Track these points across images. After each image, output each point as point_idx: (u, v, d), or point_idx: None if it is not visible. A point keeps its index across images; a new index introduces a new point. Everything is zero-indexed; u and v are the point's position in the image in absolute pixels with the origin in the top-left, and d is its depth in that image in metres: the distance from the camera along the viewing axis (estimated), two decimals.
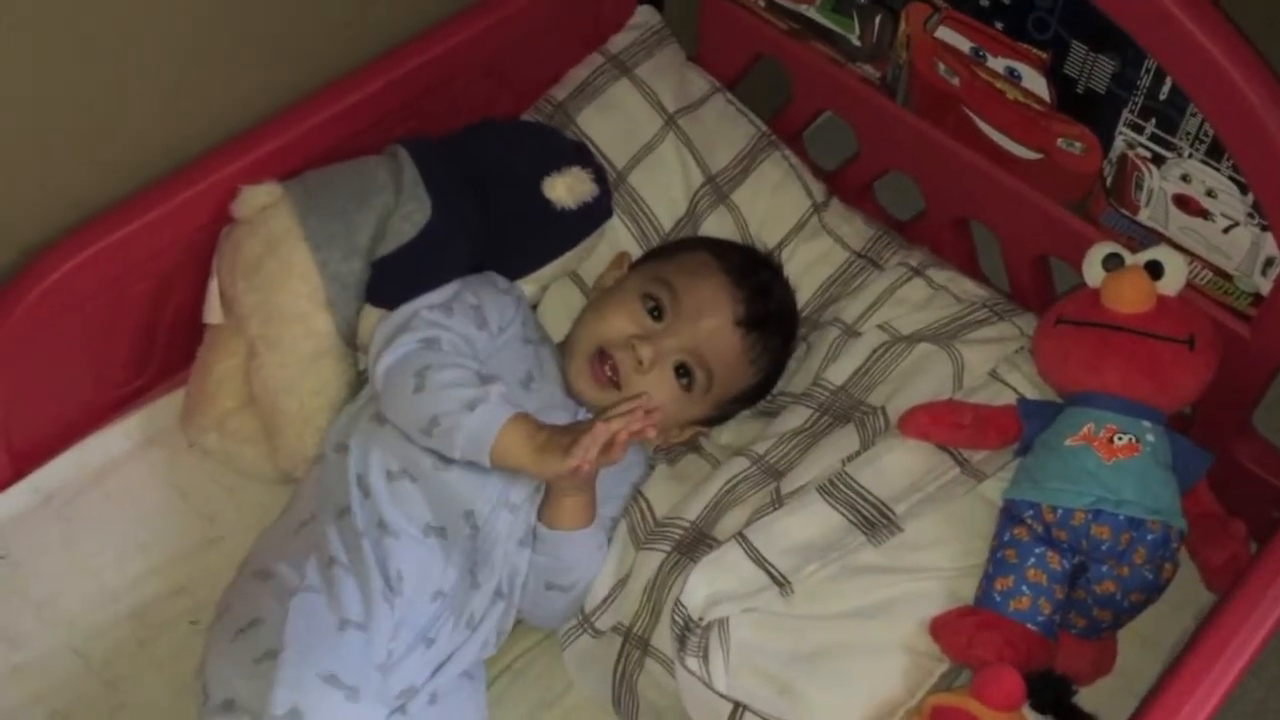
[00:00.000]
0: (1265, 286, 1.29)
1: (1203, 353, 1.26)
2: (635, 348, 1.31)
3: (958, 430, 1.31)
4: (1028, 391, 1.35)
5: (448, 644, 1.21)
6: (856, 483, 1.29)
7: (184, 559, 1.34)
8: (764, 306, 1.37)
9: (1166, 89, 1.23)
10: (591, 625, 1.29)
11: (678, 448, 1.41)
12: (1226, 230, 1.28)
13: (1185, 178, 1.28)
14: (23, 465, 1.34)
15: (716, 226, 1.53)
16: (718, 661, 1.19)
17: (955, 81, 1.41)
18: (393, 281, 1.31)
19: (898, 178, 1.61)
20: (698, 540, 1.27)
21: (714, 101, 1.60)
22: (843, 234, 1.55)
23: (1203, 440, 1.29)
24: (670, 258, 1.41)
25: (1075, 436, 1.23)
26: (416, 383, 1.20)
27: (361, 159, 1.36)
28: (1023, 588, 1.20)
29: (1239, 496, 1.32)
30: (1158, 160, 1.29)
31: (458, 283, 1.33)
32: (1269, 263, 1.27)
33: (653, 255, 1.47)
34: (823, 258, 1.54)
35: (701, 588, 1.22)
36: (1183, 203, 1.30)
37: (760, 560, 1.23)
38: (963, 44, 1.37)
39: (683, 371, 1.33)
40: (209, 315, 1.35)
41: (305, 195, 1.31)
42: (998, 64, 1.35)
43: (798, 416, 1.39)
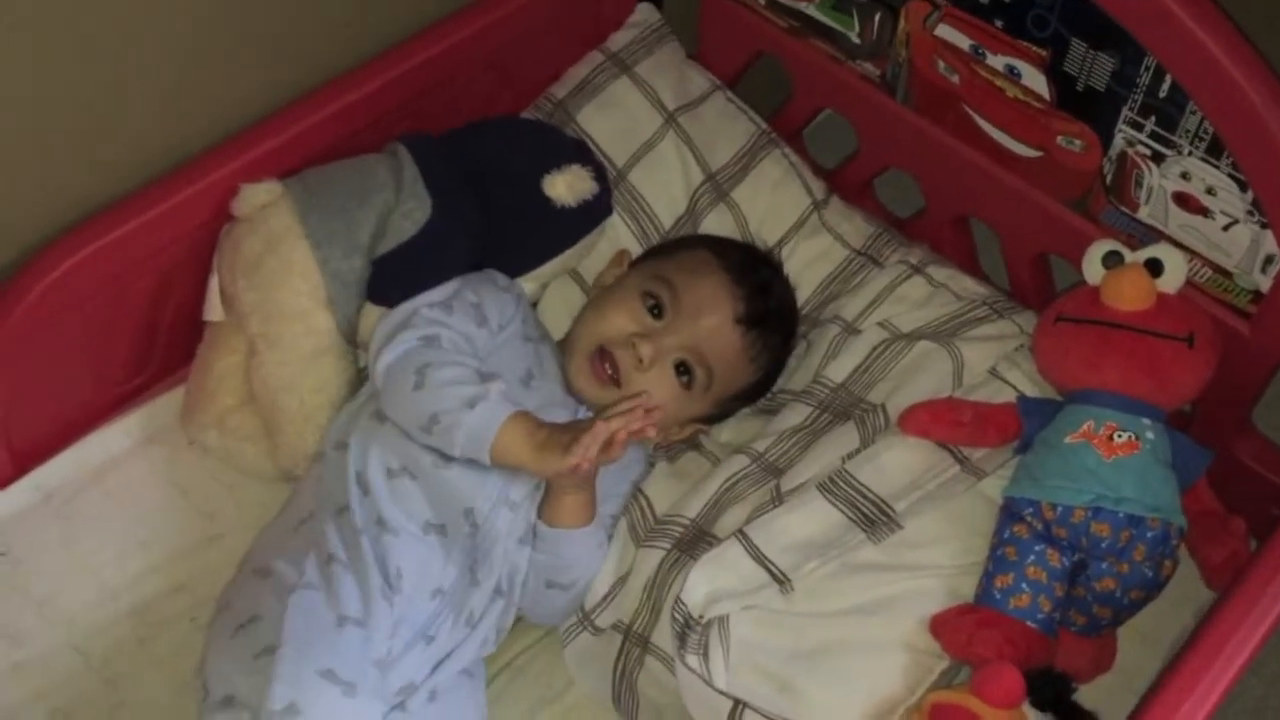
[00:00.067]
0: (1265, 284, 1.29)
1: (1202, 350, 1.26)
2: (635, 346, 1.31)
3: (957, 428, 1.31)
4: (1027, 389, 1.35)
5: (447, 641, 1.21)
6: (856, 480, 1.29)
7: (184, 557, 1.34)
8: (764, 304, 1.37)
9: (1166, 86, 1.23)
10: (592, 623, 1.29)
11: (678, 445, 1.41)
12: (1226, 228, 1.28)
13: (1185, 175, 1.28)
14: (23, 463, 1.34)
15: (716, 224, 1.53)
16: (718, 659, 1.19)
17: (955, 79, 1.41)
18: (393, 279, 1.31)
19: (897, 175, 1.61)
20: (698, 538, 1.27)
21: (714, 99, 1.60)
22: (843, 232, 1.55)
23: (1202, 438, 1.29)
24: (670, 256, 1.41)
25: (1075, 434, 1.23)
26: (416, 380, 1.20)
27: (362, 157, 1.36)
28: (1022, 585, 1.20)
29: (1239, 494, 1.31)
30: (1157, 158, 1.29)
31: (458, 280, 1.33)
32: (1269, 260, 1.26)
33: (653, 253, 1.47)
34: (823, 255, 1.54)
35: (701, 585, 1.22)
36: (1182, 200, 1.30)
37: (760, 558, 1.24)
38: (962, 41, 1.37)
39: (683, 369, 1.33)
40: (209, 313, 1.35)
41: (305, 193, 1.31)
42: (997, 62, 1.35)
43: (798, 414, 1.39)
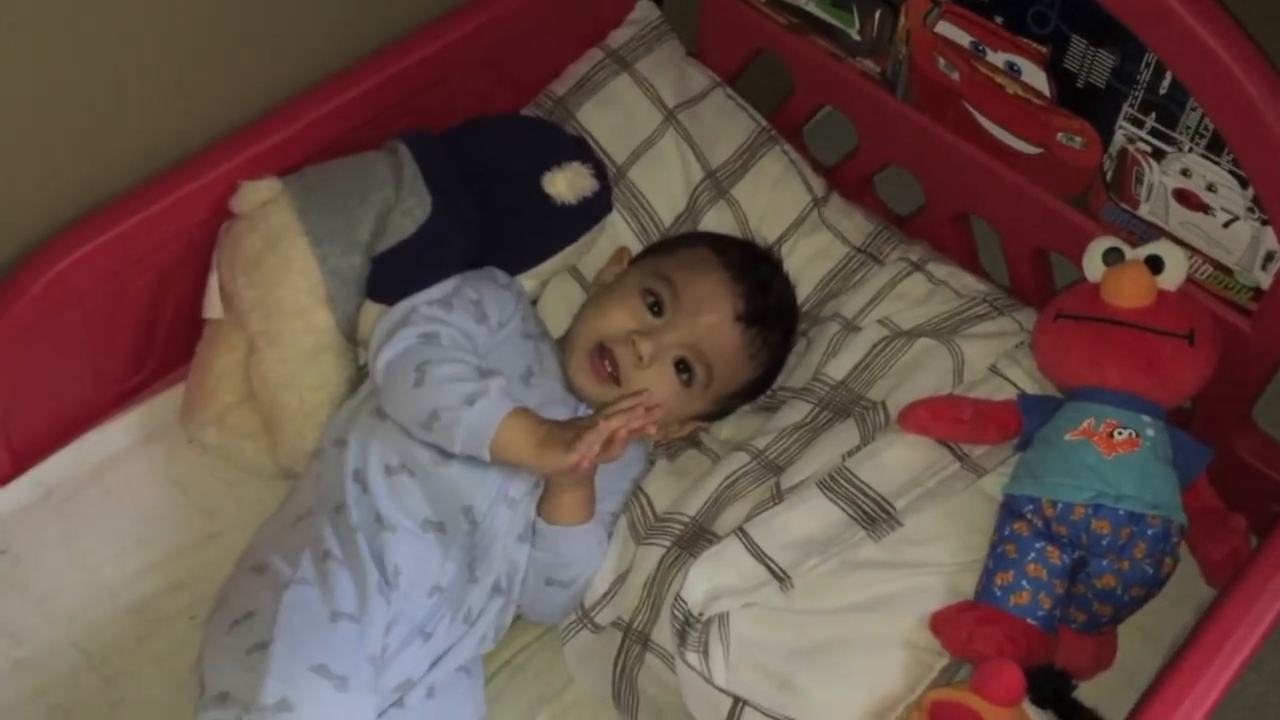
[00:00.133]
0: (1265, 281, 1.29)
1: (1203, 347, 1.26)
2: (635, 343, 1.31)
3: (958, 425, 1.31)
4: (1028, 386, 1.35)
5: (445, 638, 1.21)
6: (856, 478, 1.29)
7: (183, 554, 1.34)
8: (764, 302, 1.37)
9: (1166, 83, 1.23)
10: (591, 620, 1.29)
11: (678, 443, 1.41)
12: (1227, 225, 1.28)
13: (1185, 172, 1.27)
14: (23, 461, 1.34)
15: (716, 221, 1.53)
16: (718, 656, 1.19)
17: (955, 76, 1.41)
18: (393, 276, 1.31)
19: (898, 172, 1.61)
20: (698, 535, 1.27)
21: (714, 96, 1.60)
22: (843, 229, 1.55)
23: (1203, 435, 1.29)
24: (670, 253, 1.41)
25: (1075, 431, 1.23)
26: (416, 377, 1.20)
27: (361, 154, 1.36)
28: (1023, 582, 1.20)
29: (1239, 491, 1.31)
30: (1158, 155, 1.28)
31: (457, 278, 1.33)
32: (1269, 257, 1.26)
33: (652, 251, 1.46)
34: (823, 253, 1.54)
35: (701, 583, 1.22)
36: (1183, 197, 1.29)
37: (760, 555, 1.23)
38: (962, 38, 1.37)
39: (682, 367, 1.33)
40: (209, 310, 1.35)
41: (305, 190, 1.31)
42: (998, 58, 1.35)
43: (798, 412, 1.39)
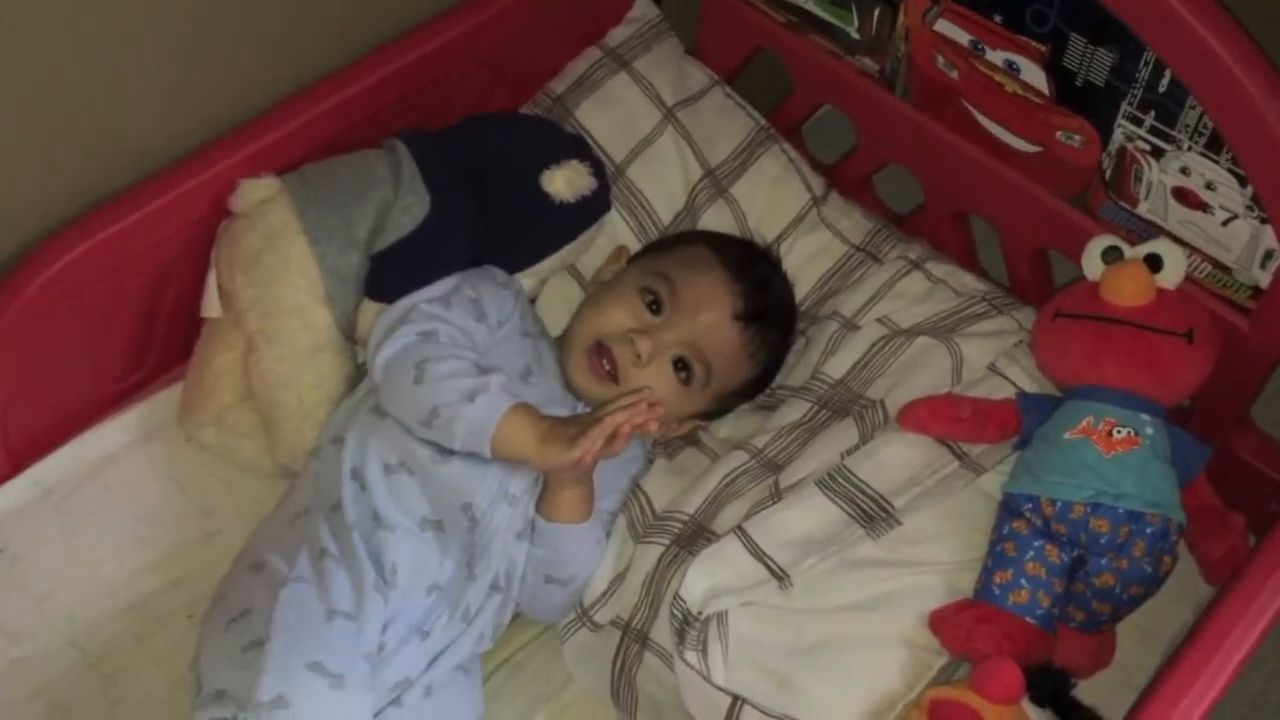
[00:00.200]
0: (1264, 279, 1.28)
1: (1202, 346, 1.26)
2: (633, 341, 1.31)
3: (957, 424, 1.31)
4: (1026, 385, 1.35)
5: (443, 637, 1.21)
6: (855, 476, 1.29)
7: (182, 553, 1.34)
8: (762, 300, 1.37)
9: (1165, 81, 1.23)
10: (590, 619, 1.29)
11: (676, 442, 1.41)
12: (1226, 223, 1.28)
13: (1184, 170, 1.27)
14: (21, 459, 1.34)
15: (715, 220, 1.53)
16: (716, 655, 1.19)
17: (954, 74, 1.41)
18: (391, 275, 1.31)
19: (897, 171, 1.61)
20: (696, 534, 1.27)
21: (713, 95, 1.60)
22: (842, 227, 1.55)
23: (1202, 433, 1.29)
24: (669, 252, 1.41)
25: (1074, 430, 1.23)
26: (416, 375, 1.20)
27: (360, 153, 1.36)
28: (1021, 581, 1.20)
29: (1238, 490, 1.31)
30: (1157, 153, 1.28)
31: (456, 276, 1.33)
32: (1268, 256, 1.26)
33: (651, 249, 1.46)
34: (821, 251, 1.54)
35: (700, 581, 1.22)
36: (1182, 195, 1.29)
37: (759, 554, 1.23)
38: (961, 37, 1.37)
39: (681, 365, 1.33)
40: (207, 309, 1.35)
41: (303, 189, 1.31)
42: (996, 57, 1.35)
43: (796, 410, 1.39)
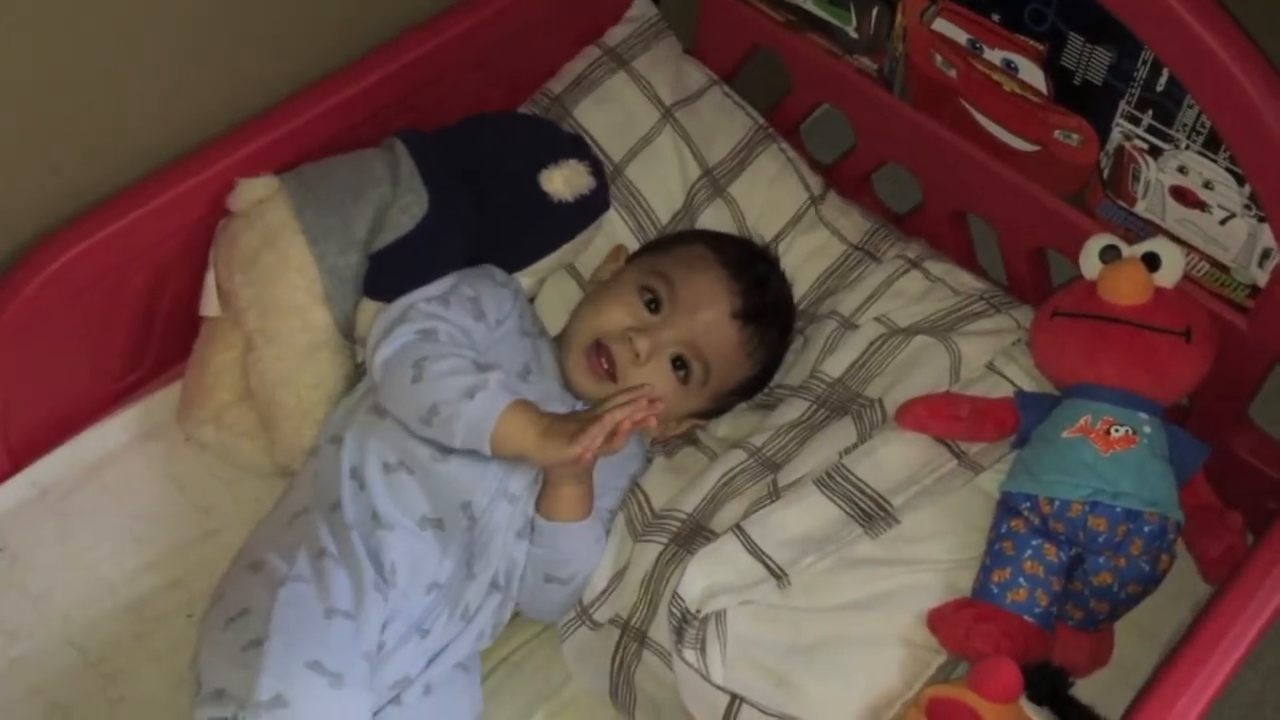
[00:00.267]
0: (1262, 278, 1.29)
1: (1199, 345, 1.26)
2: (632, 340, 1.31)
3: (955, 422, 1.31)
4: (1025, 384, 1.35)
5: (442, 635, 1.21)
6: (854, 475, 1.29)
7: (180, 552, 1.34)
8: (761, 299, 1.37)
9: (1163, 80, 1.23)
10: (590, 617, 1.29)
11: (675, 440, 1.41)
12: (1223, 222, 1.28)
13: (1182, 169, 1.27)
14: (20, 459, 1.34)
15: (713, 219, 1.53)
16: (715, 654, 1.19)
17: (952, 73, 1.41)
18: (390, 274, 1.31)
19: (895, 170, 1.61)
20: (695, 532, 1.27)
21: (711, 94, 1.60)
22: (840, 227, 1.55)
23: (1200, 432, 1.29)
24: (667, 251, 1.41)
25: (1072, 428, 1.23)
26: (415, 373, 1.20)
27: (358, 152, 1.36)
28: (1020, 579, 1.20)
29: (1236, 488, 1.31)
30: (1155, 152, 1.28)
31: (455, 275, 1.33)
32: (1266, 254, 1.26)
33: (649, 248, 1.47)
34: (820, 250, 1.54)
35: (699, 580, 1.22)
36: (1180, 194, 1.29)
37: (757, 552, 1.23)
38: (960, 36, 1.37)
39: (679, 364, 1.33)
40: (206, 308, 1.34)
41: (302, 188, 1.31)
42: (995, 56, 1.35)
43: (795, 409, 1.39)
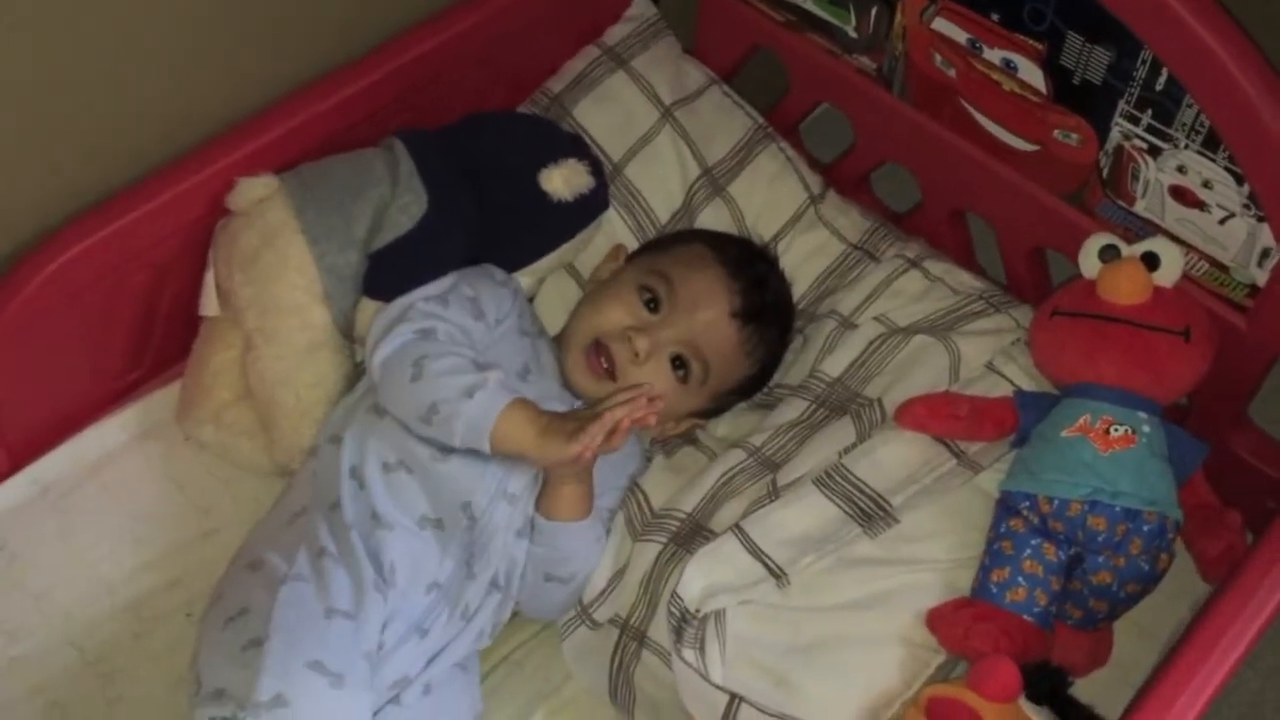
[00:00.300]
0: (1261, 278, 1.29)
1: (1199, 344, 1.26)
2: (631, 339, 1.31)
3: (954, 422, 1.31)
4: (1024, 383, 1.35)
5: (442, 635, 1.21)
6: (853, 475, 1.29)
7: (180, 551, 1.34)
8: (760, 298, 1.37)
9: (1163, 80, 1.23)
10: (590, 616, 1.29)
11: (674, 440, 1.41)
12: (1223, 221, 1.28)
13: (1181, 169, 1.27)
14: (20, 458, 1.34)
15: (713, 219, 1.53)
16: (714, 653, 1.19)
17: (951, 73, 1.41)
18: (389, 273, 1.31)
19: (894, 169, 1.61)
20: (694, 532, 1.27)
21: (710, 94, 1.60)
22: (839, 226, 1.55)
23: (1199, 431, 1.29)
24: (666, 250, 1.41)
25: (1071, 428, 1.23)
26: (414, 372, 1.20)
27: (358, 151, 1.36)
28: (1019, 579, 1.20)
29: (1235, 487, 1.31)
30: (1154, 151, 1.29)
31: (454, 275, 1.33)
32: (1265, 254, 1.26)
33: (649, 248, 1.47)
34: (819, 250, 1.54)
35: (698, 579, 1.22)
36: (1179, 194, 1.30)
37: (757, 552, 1.23)
38: (959, 35, 1.37)
39: (679, 363, 1.33)
40: (205, 307, 1.34)
41: (301, 188, 1.31)
42: (994, 55, 1.35)
43: (794, 409, 1.39)
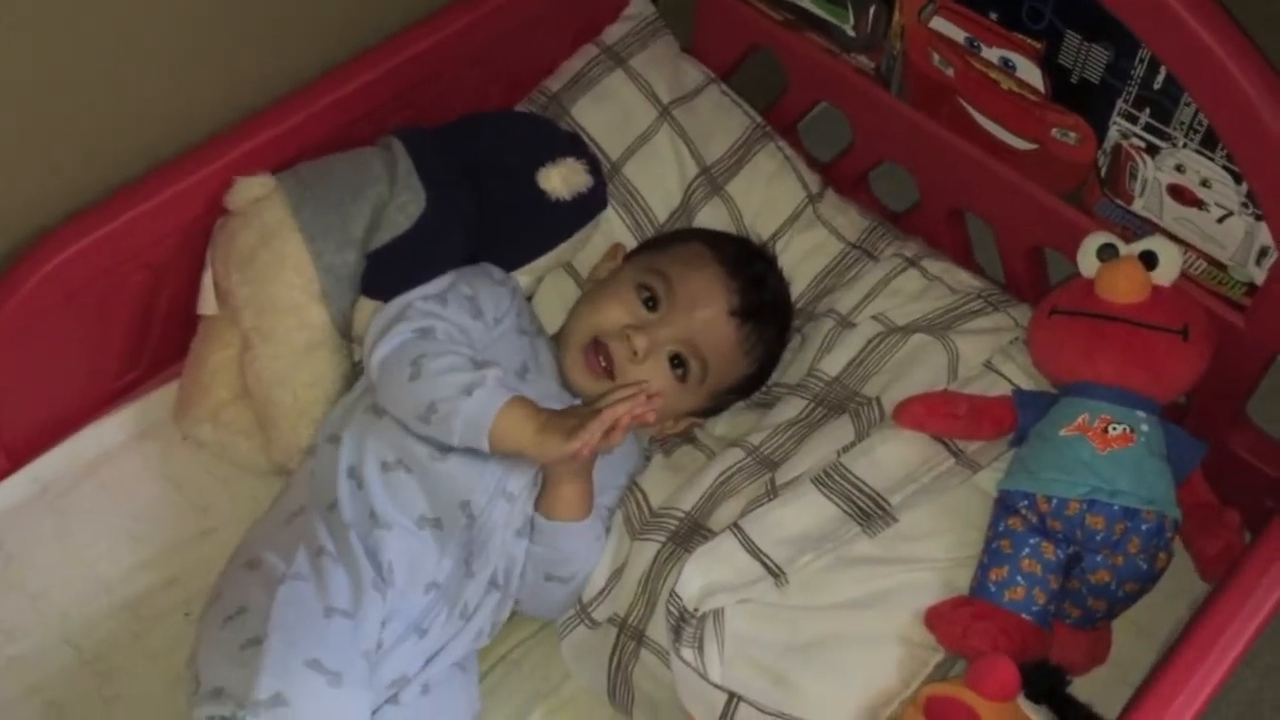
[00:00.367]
0: (1259, 276, 1.29)
1: (1197, 343, 1.26)
2: (630, 338, 1.31)
3: (953, 421, 1.31)
4: (1022, 382, 1.35)
5: (441, 635, 1.21)
6: (851, 473, 1.29)
7: (177, 551, 1.34)
8: (758, 297, 1.37)
9: (1161, 78, 1.23)
10: (589, 615, 1.29)
11: (673, 439, 1.41)
12: (1221, 220, 1.28)
13: (1179, 168, 1.27)
14: (17, 457, 1.34)
15: (711, 218, 1.53)
16: (712, 652, 1.19)
17: (950, 72, 1.41)
18: (387, 273, 1.31)
19: (893, 169, 1.61)
20: (693, 531, 1.27)
21: (709, 92, 1.60)
22: (837, 225, 1.55)
23: (1197, 430, 1.29)
24: (665, 249, 1.41)
25: (1070, 427, 1.23)
26: (412, 371, 1.20)
27: (356, 150, 1.36)
28: (1017, 578, 1.20)
29: (1233, 486, 1.31)
30: (1152, 150, 1.28)
31: (453, 274, 1.33)
32: (1263, 252, 1.26)
33: (647, 246, 1.47)
34: (817, 249, 1.54)
35: (696, 578, 1.22)
36: (1177, 193, 1.30)
37: (755, 551, 1.23)
38: (957, 34, 1.37)
39: (677, 362, 1.33)
40: (203, 307, 1.34)
41: (299, 187, 1.31)
42: (992, 54, 1.35)
43: (792, 407, 1.39)
